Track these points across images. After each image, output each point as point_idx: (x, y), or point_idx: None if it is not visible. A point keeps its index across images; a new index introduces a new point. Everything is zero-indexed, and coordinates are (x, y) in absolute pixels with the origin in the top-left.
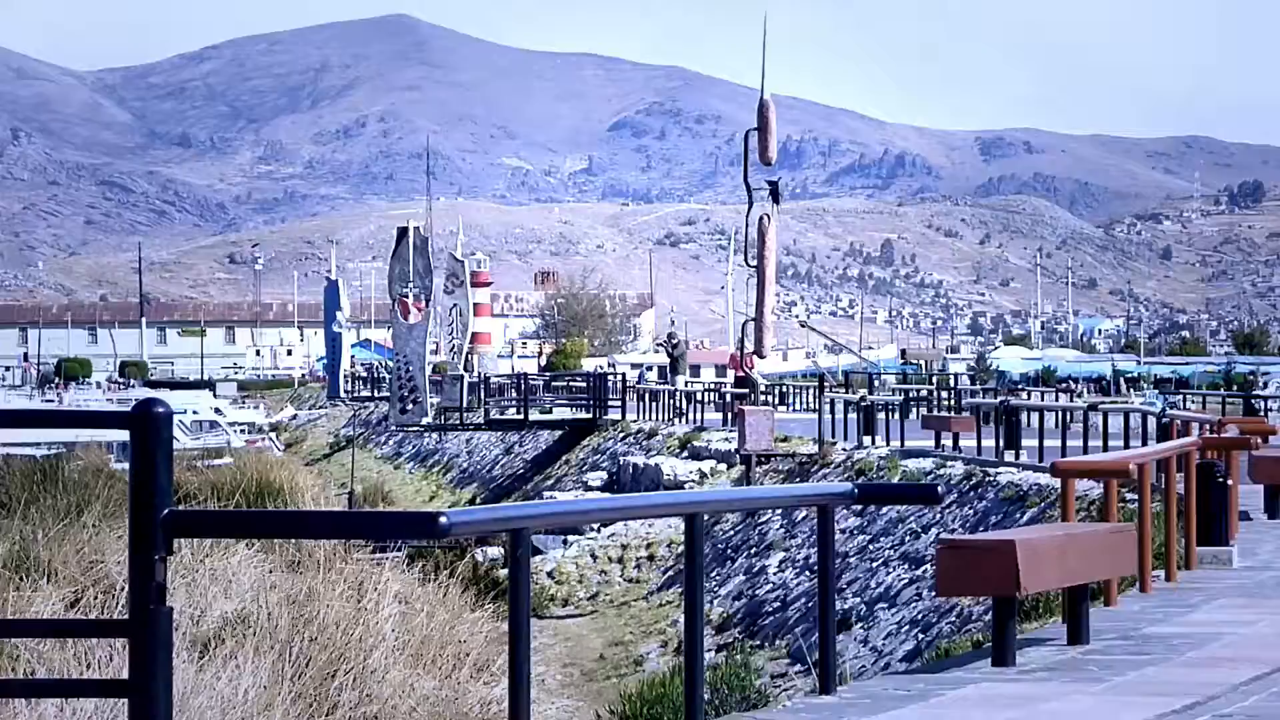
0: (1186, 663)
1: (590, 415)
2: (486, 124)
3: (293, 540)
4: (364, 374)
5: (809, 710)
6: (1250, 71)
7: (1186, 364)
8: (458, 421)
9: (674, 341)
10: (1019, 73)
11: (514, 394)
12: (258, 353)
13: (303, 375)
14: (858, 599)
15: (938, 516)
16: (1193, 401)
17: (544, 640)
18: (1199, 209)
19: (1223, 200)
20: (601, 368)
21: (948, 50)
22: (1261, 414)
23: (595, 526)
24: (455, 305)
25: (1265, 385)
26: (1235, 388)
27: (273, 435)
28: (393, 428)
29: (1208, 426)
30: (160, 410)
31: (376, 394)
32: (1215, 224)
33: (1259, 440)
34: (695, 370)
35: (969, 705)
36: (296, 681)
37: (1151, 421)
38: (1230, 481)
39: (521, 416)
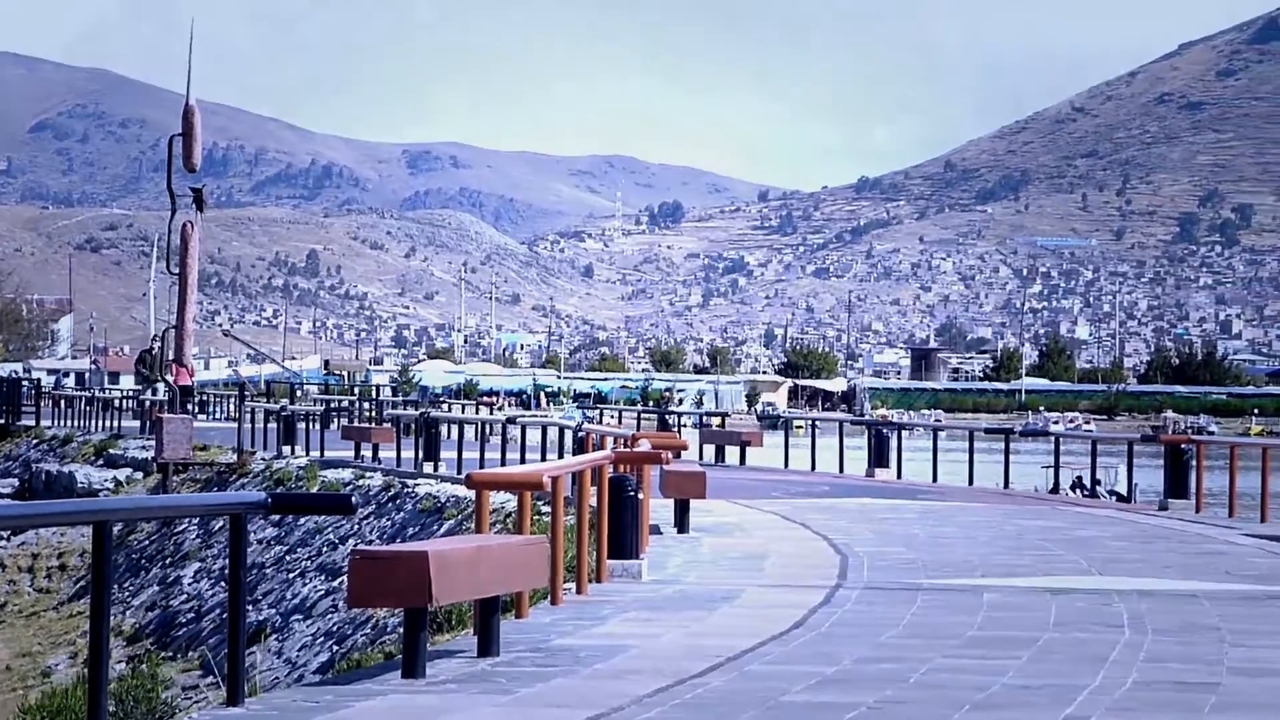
0: (593, 675)
1: (2, 421)
2: None
3: None
4: None
5: None
6: (673, 92)
7: (605, 380)
8: None
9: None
10: (448, 87)
11: None
12: None
13: None
14: (273, 610)
15: (356, 527)
16: (611, 416)
17: None
18: (620, 228)
19: (643, 220)
20: (16, 373)
21: (377, 61)
22: (675, 429)
23: (4, 535)
24: None
25: (680, 402)
26: (652, 404)
27: None
28: None
29: (622, 441)
30: None
31: None
32: (636, 243)
33: (670, 455)
34: (115, 377)
35: (376, 716)
36: None
37: (569, 435)
38: (641, 495)
39: None
